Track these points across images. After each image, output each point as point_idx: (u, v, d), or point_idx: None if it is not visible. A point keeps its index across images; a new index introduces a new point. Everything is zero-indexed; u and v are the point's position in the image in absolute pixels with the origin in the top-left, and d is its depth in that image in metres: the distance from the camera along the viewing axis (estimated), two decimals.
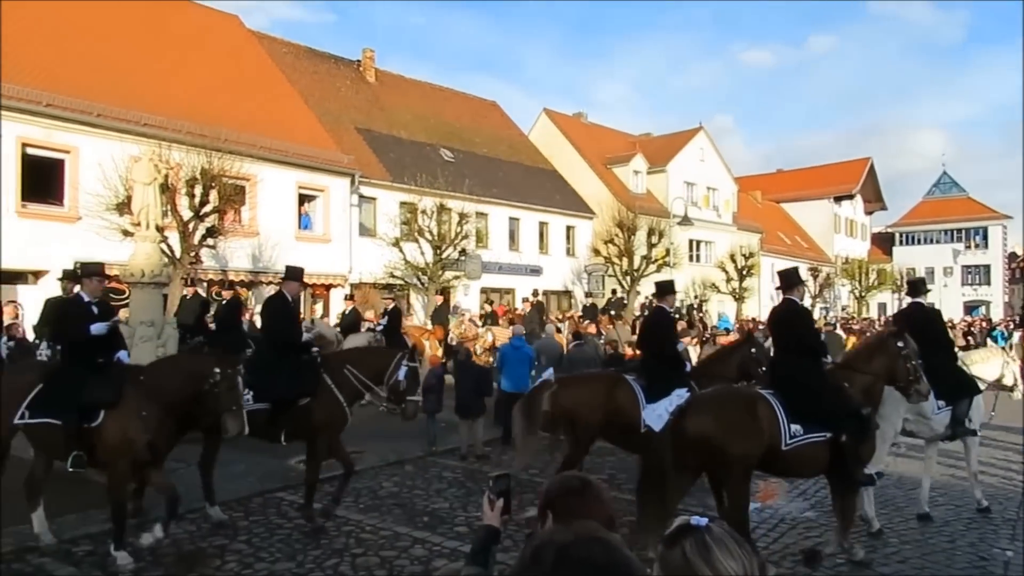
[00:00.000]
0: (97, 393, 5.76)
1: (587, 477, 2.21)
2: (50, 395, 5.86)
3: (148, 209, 9.50)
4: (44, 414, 5.82)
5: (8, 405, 5.89)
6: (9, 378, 6.19)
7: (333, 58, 30.09)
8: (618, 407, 6.97)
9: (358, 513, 7.27)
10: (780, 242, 47.07)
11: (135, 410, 5.74)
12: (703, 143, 40.69)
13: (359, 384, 7.05)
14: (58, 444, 5.81)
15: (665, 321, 7.56)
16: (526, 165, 33.02)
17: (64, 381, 5.89)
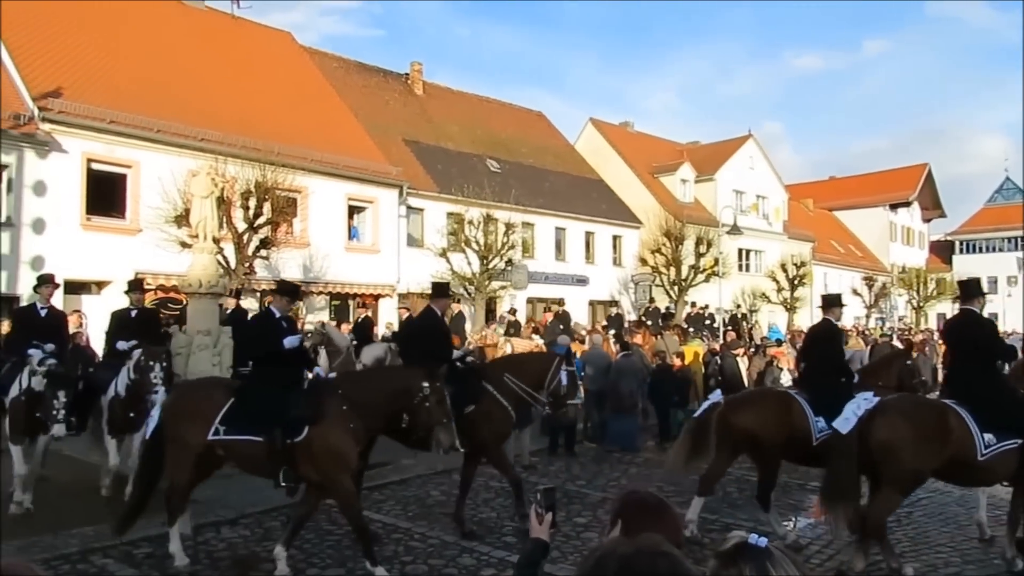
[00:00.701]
0: (301, 408, 5.68)
1: (663, 498, 2.18)
2: (248, 411, 5.77)
3: (205, 222, 9.80)
4: (243, 431, 5.73)
5: (201, 421, 5.82)
6: (196, 394, 6.22)
7: (382, 72, 30.63)
8: (794, 423, 6.86)
9: (407, 521, 7.34)
10: (833, 251, 45.97)
11: (343, 423, 5.67)
12: (752, 151, 40.07)
13: (520, 391, 7.09)
14: (259, 460, 5.74)
15: (832, 333, 7.40)
16: (572, 175, 33.01)
17: (262, 397, 5.79)
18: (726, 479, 9.23)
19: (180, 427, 5.88)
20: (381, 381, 6.25)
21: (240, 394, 5.92)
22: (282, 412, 5.65)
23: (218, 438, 5.78)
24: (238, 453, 5.86)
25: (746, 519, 7.40)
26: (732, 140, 40.58)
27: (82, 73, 18.27)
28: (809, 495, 8.66)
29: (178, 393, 6.37)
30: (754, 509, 7.84)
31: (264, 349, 6.09)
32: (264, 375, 6.04)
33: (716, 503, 8.09)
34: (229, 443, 5.79)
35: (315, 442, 5.60)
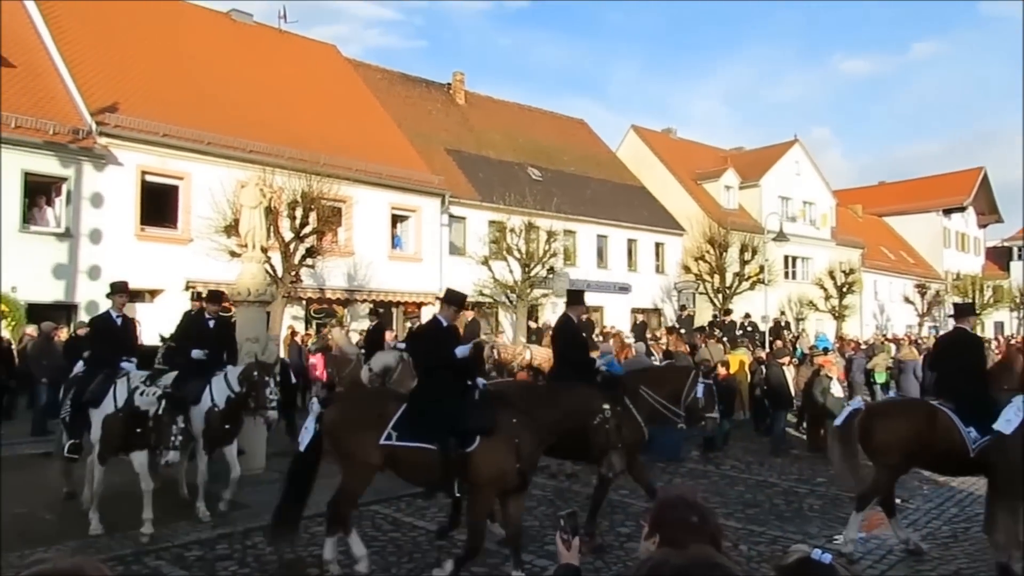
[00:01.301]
0: (477, 419, 5.66)
1: (705, 508, 2.16)
2: (422, 419, 5.71)
3: (254, 231, 10.01)
4: (416, 438, 5.67)
5: (373, 426, 5.76)
6: (366, 403, 6.23)
7: (424, 82, 30.98)
8: (942, 435, 6.68)
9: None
10: (883, 257, 44.82)
11: (509, 437, 5.61)
12: (798, 156, 39.38)
13: (656, 404, 7.07)
14: (428, 468, 5.66)
15: (972, 342, 7.24)
16: (614, 182, 32.87)
17: (436, 405, 5.73)
18: (772, 491, 9.07)
19: (353, 437, 5.79)
20: (563, 398, 6.13)
21: (413, 402, 5.86)
22: (458, 421, 5.61)
23: (390, 443, 5.70)
24: (407, 460, 5.75)
25: (794, 531, 7.24)
26: (778, 145, 39.94)
27: (137, 88, 18.90)
28: (873, 506, 8.44)
29: (346, 404, 6.29)
30: (802, 522, 7.67)
31: (437, 358, 5.99)
32: (436, 384, 5.92)
33: (764, 515, 7.93)
34: (400, 450, 5.70)
35: (481, 453, 5.56)
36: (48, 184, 16.95)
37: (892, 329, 38.68)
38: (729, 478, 9.90)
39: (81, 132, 17.01)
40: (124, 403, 6.85)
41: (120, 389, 7.01)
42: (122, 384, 7.06)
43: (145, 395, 6.80)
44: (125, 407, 6.83)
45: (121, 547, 6.46)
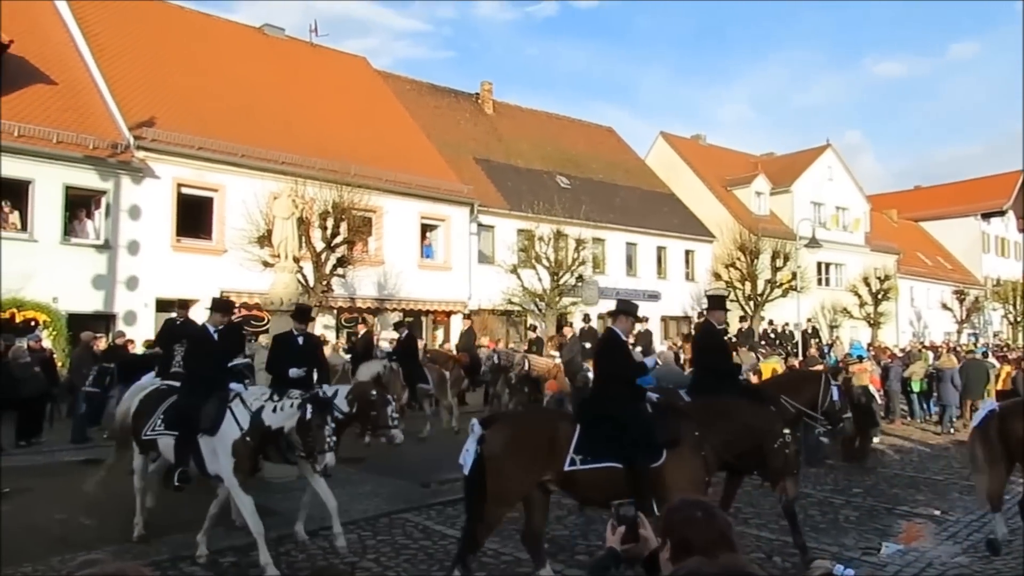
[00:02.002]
0: (663, 432, 5.56)
1: (711, 505, 2.18)
2: (605, 437, 5.56)
3: (286, 242, 10.18)
4: (602, 458, 5.52)
5: (544, 451, 5.59)
6: (535, 422, 6.07)
7: (453, 92, 31.21)
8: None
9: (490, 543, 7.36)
10: (920, 263, 43.92)
11: (697, 449, 5.55)
12: (831, 161, 38.84)
13: (800, 411, 7.09)
14: (614, 487, 5.41)
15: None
16: (643, 189, 32.74)
17: (619, 421, 5.61)
18: (807, 502, 8.92)
19: (519, 463, 5.55)
20: (744, 416, 6.02)
21: (591, 420, 5.70)
22: (645, 436, 5.52)
23: (575, 468, 5.53)
24: (589, 481, 5.55)
25: (830, 543, 7.12)
26: (809, 150, 39.45)
27: (173, 103, 19.33)
28: (897, 519, 8.28)
29: (511, 427, 5.91)
30: (838, 533, 7.55)
31: (614, 371, 5.93)
32: (615, 399, 5.80)
33: None
34: (581, 472, 5.54)
35: (671, 467, 5.47)
36: (88, 197, 17.39)
37: (929, 336, 37.85)
38: (762, 488, 9.76)
39: (120, 146, 17.44)
40: (250, 425, 6.37)
41: (239, 411, 6.47)
42: (239, 406, 6.51)
43: (280, 410, 6.38)
44: (253, 429, 6.36)
45: (158, 552, 6.58)
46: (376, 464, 10.27)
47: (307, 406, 6.16)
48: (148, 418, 6.91)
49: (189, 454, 6.54)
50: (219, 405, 6.50)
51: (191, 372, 7.10)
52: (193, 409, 6.54)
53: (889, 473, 11.03)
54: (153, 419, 6.85)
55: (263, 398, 6.53)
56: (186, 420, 6.57)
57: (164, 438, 6.76)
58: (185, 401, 6.70)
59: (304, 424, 6.15)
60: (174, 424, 6.69)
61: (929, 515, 8.44)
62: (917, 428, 15.80)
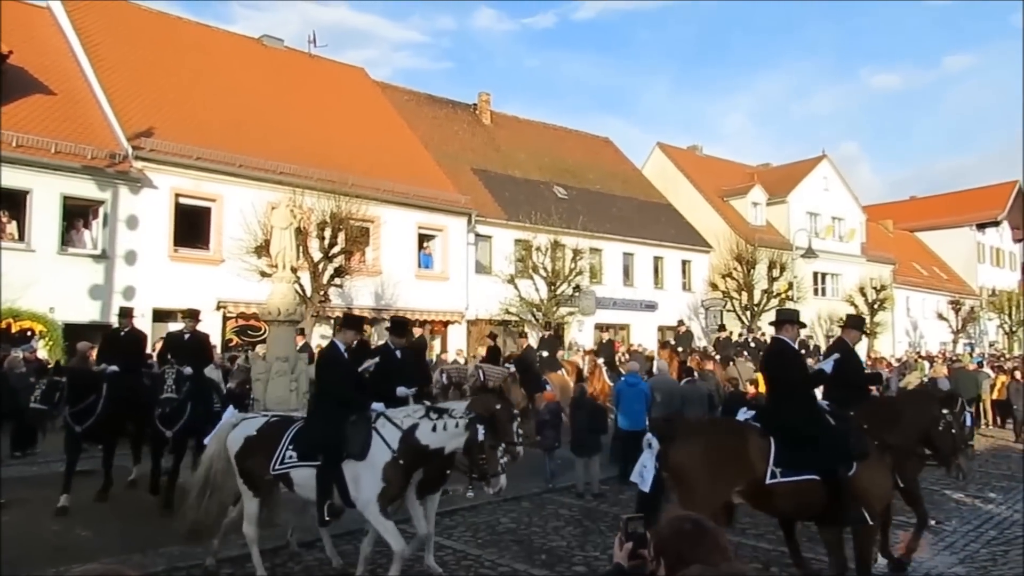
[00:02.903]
0: (856, 443, 5.48)
1: (702, 520, 2.15)
2: (802, 449, 5.44)
3: (284, 252, 10.21)
4: (801, 470, 5.43)
5: (735, 465, 5.48)
6: (721, 435, 5.84)
7: (451, 103, 31.34)
8: None
9: (476, 548, 7.36)
10: (915, 273, 44.07)
11: (882, 459, 5.52)
12: (827, 171, 39.04)
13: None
14: (811, 499, 5.40)
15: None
16: (640, 200, 32.85)
17: (814, 433, 5.50)
18: None
19: (710, 480, 5.45)
20: (905, 413, 5.96)
21: (785, 433, 5.57)
22: (841, 446, 5.42)
23: (776, 481, 5.45)
24: (786, 493, 5.48)
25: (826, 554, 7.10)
26: (805, 161, 39.65)
27: (171, 113, 19.39)
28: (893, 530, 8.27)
29: (697, 442, 5.66)
30: None
31: (791, 381, 5.81)
32: (806, 410, 5.69)
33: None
34: (785, 485, 5.47)
35: (864, 478, 5.41)
36: (86, 207, 17.41)
37: (926, 346, 37.96)
38: None
39: (118, 156, 17.48)
40: (403, 445, 5.82)
41: (388, 432, 5.90)
42: (386, 426, 5.95)
43: (440, 429, 5.83)
44: (406, 450, 5.82)
45: (154, 564, 6.56)
46: None
47: (477, 426, 5.69)
48: (267, 453, 6.08)
49: (334, 484, 5.90)
50: (365, 427, 5.96)
51: (325, 394, 6.32)
52: (335, 434, 5.91)
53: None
54: (279, 452, 6.05)
55: (416, 416, 5.96)
56: (329, 447, 5.89)
57: (300, 470, 5.98)
58: (324, 426, 6.00)
59: (477, 445, 5.67)
60: (311, 453, 5.94)
61: None
62: None
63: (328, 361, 6.42)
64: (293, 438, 6.06)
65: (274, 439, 6.12)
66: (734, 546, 7.38)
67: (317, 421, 6.10)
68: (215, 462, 6.44)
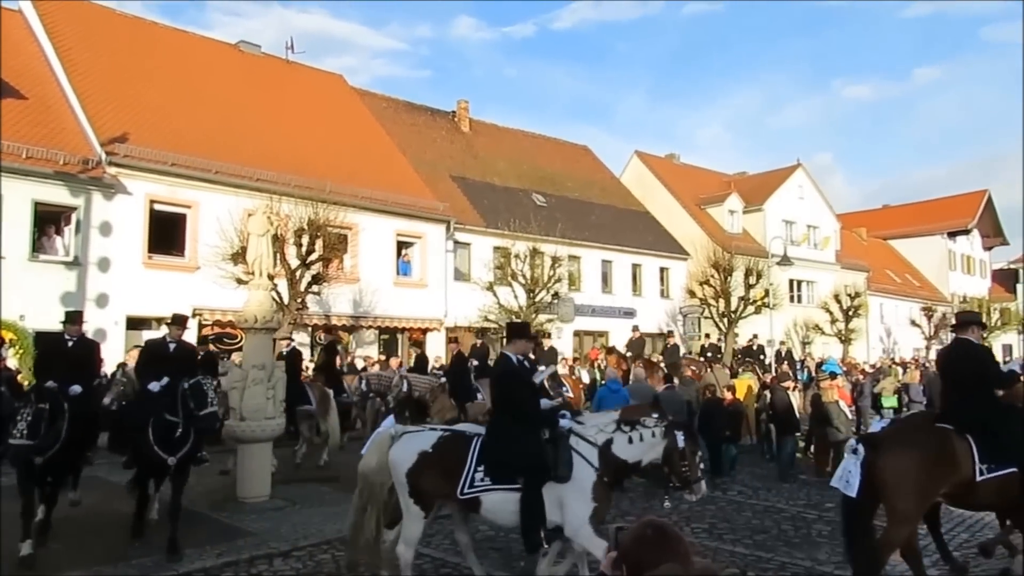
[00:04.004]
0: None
1: (664, 523, 2.11)
2: (1004, 445, 5.54)
3: (261, 259, 10.09)
4: (1005, 465, 5.54)
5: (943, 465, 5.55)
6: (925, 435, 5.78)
7: (429, 110, 31.33)
8: None
9: (456, 556, 7.30)
10: (889, 280, 44.75)
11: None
12: (802, 180, 39.57)
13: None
14: (1011, 491, 5.52)
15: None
16: (618, 207, 33.04)
17: (1011, 427, 5.63)
18: (780, 516, 9.00)
19: (928, 476, 5.56)
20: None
21: (985, 430, 5.66)
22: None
23: (984, 478, 5.57)
24: (995, 490, 5.60)
25: (803, 558, 7.18)
26: (781, 170, 40.15)
27: (146, 119, 19.18)
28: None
29: (904, 445, 5.71)
30: (811, 548, 7.61)
31: (975, 378, 5.90)
32: (985, 405, 5.82)
33: (772, 541, 7.87)
34: (990, 481, 5.58)
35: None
36: (58, 213, 17.13)
37: (899, 352, 38.51)
38: (736, 504, 9.84)
39: (91, 162, 17.23)
40: (603, 462, 5.52)
41: (584, 449, 5.54)
42: (580, 443, 5.57)
43: (637, 441, 5.56)
44: (607, 466, 5.52)
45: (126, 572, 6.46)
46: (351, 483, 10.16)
47: (675, 433, 5.55)
48: (446, 472, 5.58)
49: (542, 509, 5.42)
50: (565, 446, 5.51)
51: (509, 410, 5.77)
52: (536, 455, 5.44)
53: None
54: (467, 474, 5.54)
55: (608, 430, 5.61)
56: (531, 469, 5.44)
57: (493, 495, 5.50)
58: (520, 447, 5.49)
59: (678, 452, 5.51)
60: (508, 476, 5.49)
61: None
62: None
63: (508, 376, 5.88)
64: (479, 458, 5.56)
65: (455, 457, 5.59)
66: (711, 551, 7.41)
67: (509, 441, 5.56)
68: (374, 477, 5.92)
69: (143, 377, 7.84)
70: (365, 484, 5.95)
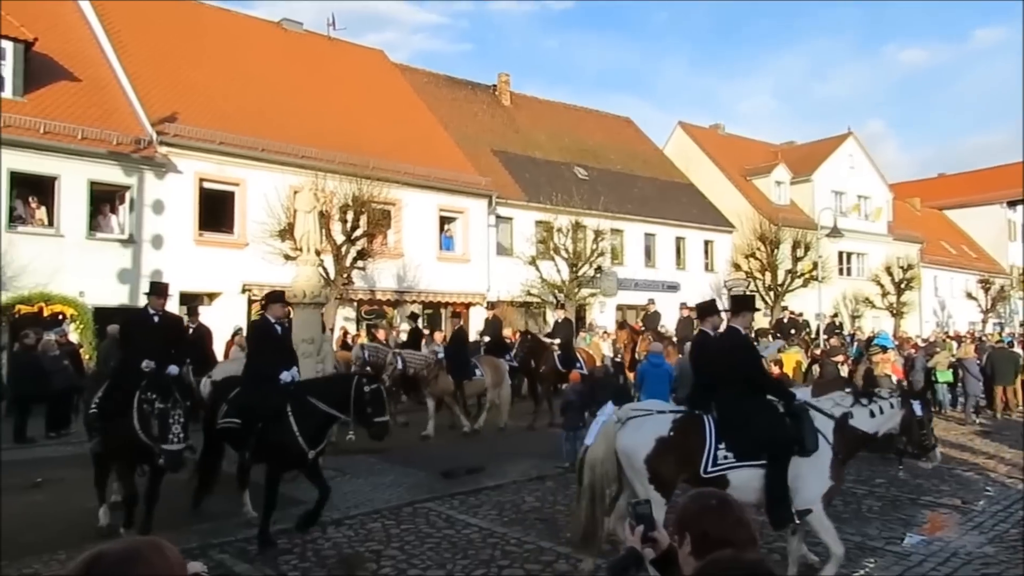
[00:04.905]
0: None
1: (726, 495, 2.17)
2: None
3: (308, 235, 10.26)
4: None
5: None
6: None
7: (470, 84, 31.22)
8: None
9: (502, 526, 7.44)
10: (944, 252, 43.35)
11: None
12: (852, 149, 38.42)
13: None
14: None
15: None
16: (661, 180, 32.59)
17: None
18: None
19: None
20: None
21: None
22: None
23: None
24: None
25: (853, 533, 7.10)
26: (830, 139, 39.05)
27: (194, 98, 19.53)
28: (921, 510, 8.24)
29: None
30: (861, 523, 7.53)
31: None
32: None
33: None
34: None
35: None
36: (112, 193, 17.64)
37: (954, 326, 37.41)
38: None
39: (143, 142, 17.65)
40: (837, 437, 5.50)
41: (822, 424, 5.49)
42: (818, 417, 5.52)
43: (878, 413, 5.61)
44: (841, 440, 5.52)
45: (187, 541, 6.70)
46: (397, 455, 10.38)
47: (912, 402, 5.67)
48: (685, 454, 5.43)
49: (787, 483, 5.34)
50: (808, 420, 5.44)
51: (744, 386, 5.63)
52: (783, 430, 5.37)
53: (911, 463, 10.92)
54: (709, 454, 5.40)
55: (845, 403, 5.61)
56: (778, 444, 5.32)
57: (739, 472, 5.37)
58: (766, 423, 5.39)
59: (916, 421, 5.60)
60: (754, 452, 5.35)
61: (954, 505, 8.38)
62: (941, 419, 15.64)
63: (740, 346, 5.80)
64: (720, 436, 5.42)
65: (694, 438, 5.44)
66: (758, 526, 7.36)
67: (749, 417, 5.45)
68: (601, 468, 5.68)
69: (129, 350, 7.19)
70: (593, 476, 5.66)
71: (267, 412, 6.72)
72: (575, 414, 10.36)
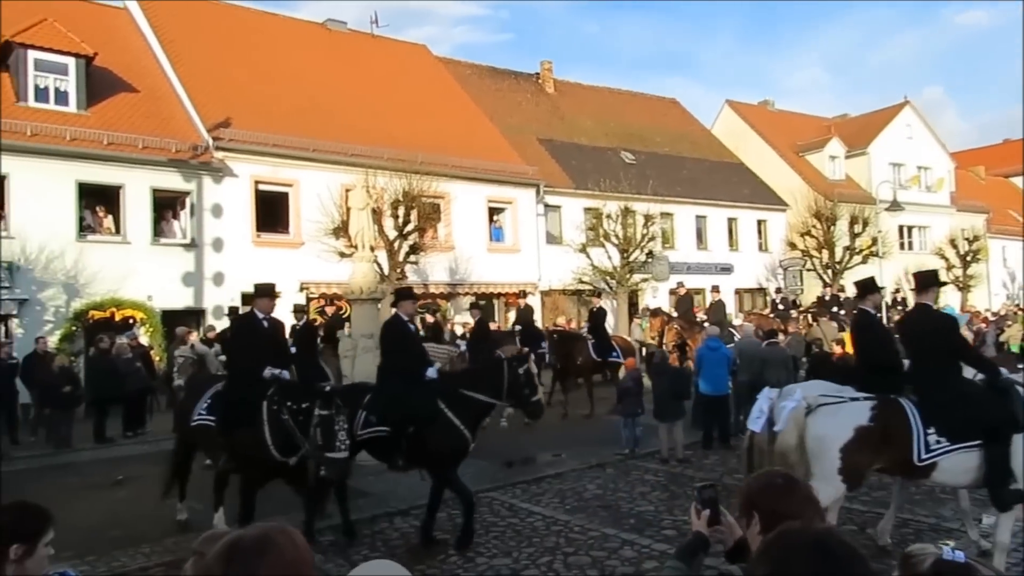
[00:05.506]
0: None
1: (792, 474, 2.18)
2: None
3: (363, 232, 10.48)
4: None
5: None
6: None
7: (513, 74, 31.17)
8: None
9: (565, 514, 7.50)
10: (1012, 221, 41.47)
11: None
12: (910, 119, 37.05)
13: None
14: None
15: None
16: (711, 160, 32.04)
17: None
18: None
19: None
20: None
21: None
22: None
23: None
24: None
25: (926, 515, 6.95)
26: (886, 109, 37.71)
27: (246, 102, 20.00)
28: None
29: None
30: (935, 504, 7.35)
31: None
32: None
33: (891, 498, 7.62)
34: None
35: None
36: (173, 198, 18.25)
37: None
38: None
39: (200, 148, 18.19)
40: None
41: None
42: None
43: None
44: None
45: None
46: None
47: None
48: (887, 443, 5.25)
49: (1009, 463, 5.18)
50: (1015, 393, 5.28)
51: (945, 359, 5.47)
52: (1000, 405, 5.20)
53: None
54: (919, 438, 5.19)
55: None
56: (1001, 421, 5.16)
57: (950, 456, 5.20)
58: (978, 400, 5.26)
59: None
60: (967, 433, 5.16)
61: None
62: None
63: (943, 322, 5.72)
64: (928, 420, 5.22)
65: (899, 426, 5.25)
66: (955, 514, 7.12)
67: (957, 397, 5.27)
68: (793, 456, 5.40)
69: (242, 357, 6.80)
70: (786, 464, 5.26)
71: (421, 414, 6.42)
72: (632, 400, 10.35)
